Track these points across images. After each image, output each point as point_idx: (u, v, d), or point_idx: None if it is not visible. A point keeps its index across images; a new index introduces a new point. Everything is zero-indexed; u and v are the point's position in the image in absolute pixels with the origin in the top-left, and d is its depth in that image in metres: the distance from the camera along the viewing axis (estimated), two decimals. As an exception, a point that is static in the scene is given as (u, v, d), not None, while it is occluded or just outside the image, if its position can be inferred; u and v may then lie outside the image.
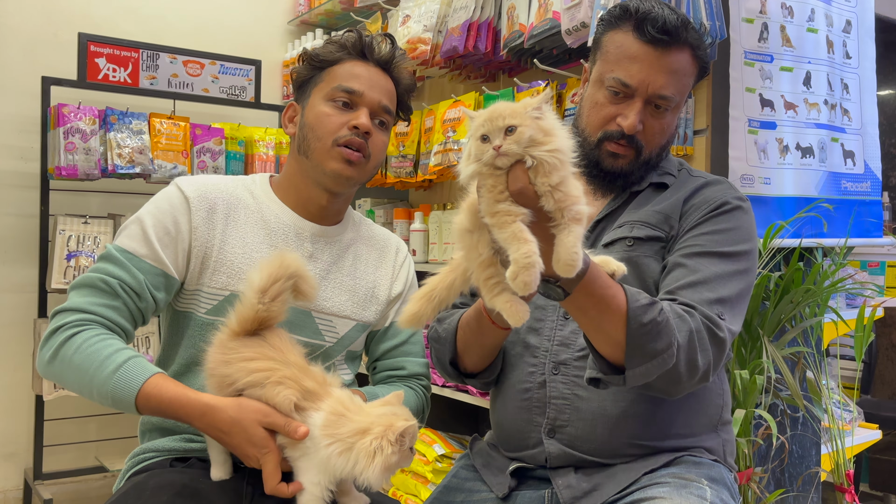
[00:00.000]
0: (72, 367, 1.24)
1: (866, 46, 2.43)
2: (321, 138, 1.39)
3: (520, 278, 0.93)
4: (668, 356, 1.14)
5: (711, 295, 1.23)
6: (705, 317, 1.20)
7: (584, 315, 1.13)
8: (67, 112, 2.88)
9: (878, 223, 2.43)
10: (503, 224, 0.96)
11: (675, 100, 1.34)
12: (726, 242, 1.29)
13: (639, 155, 1.36)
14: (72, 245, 2.93)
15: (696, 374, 1.19)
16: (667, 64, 1.31)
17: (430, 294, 1.16)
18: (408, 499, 2.57)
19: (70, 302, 1.29)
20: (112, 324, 1.29)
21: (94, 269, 1.32)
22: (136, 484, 1.27)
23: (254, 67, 3.49)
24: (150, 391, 1.21)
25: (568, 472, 1.31)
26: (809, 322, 2.06)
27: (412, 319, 1.17)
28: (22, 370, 3.12)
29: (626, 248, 1.33)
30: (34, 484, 2.96)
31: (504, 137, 0.96)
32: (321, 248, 1.46)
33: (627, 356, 1.14)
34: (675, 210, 1.35)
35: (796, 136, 2.22)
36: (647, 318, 1.12)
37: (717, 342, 1.21)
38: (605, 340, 1.16)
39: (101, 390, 1.22)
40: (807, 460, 2.26)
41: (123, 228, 1.38)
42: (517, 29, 2.33)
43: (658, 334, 1.13)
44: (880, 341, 3.72)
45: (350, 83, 1.40)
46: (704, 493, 1.19)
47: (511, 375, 1.41)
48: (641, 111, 1.33)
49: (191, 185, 1.40)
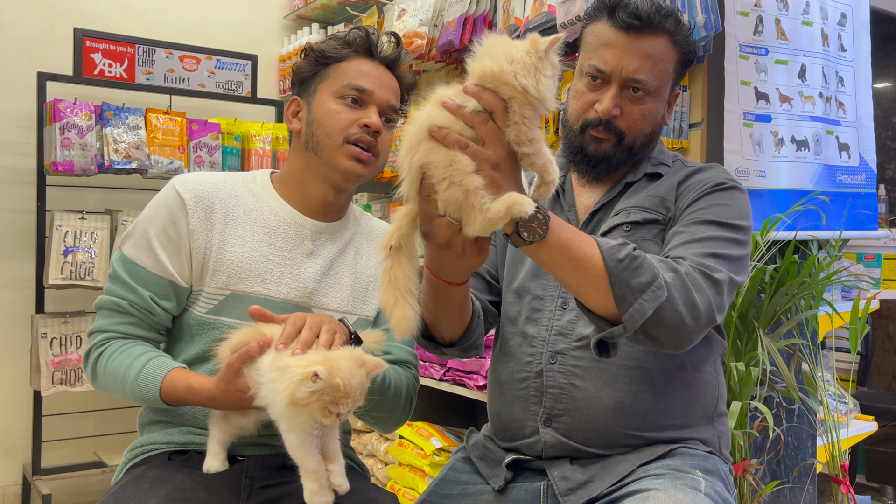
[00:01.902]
0: (108, 381, 1.35)
1: (861, 39, 2.44)
2: (331, 135, 1.38)
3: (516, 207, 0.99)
4: (657, 287, 1.11)
5: (704, 250, 1.22)
6: (696, 263, 1.19)
7: (562, 266, 1.11)
8: (63, 108, 2.87)
9: (873, 216, 2.43)
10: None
11: (652, 84, 1.34)
12: (723, 214, 1.29)
13: (621, 141, 1.37)
14: (69, 241, 2.93)
15: (698, 316, 1.16)
16: (640, 48, 1.33)
17: (396, 288, 1.08)
18: (405, 492, 2.58)
19: (95, 324, 1.39)
20: (132, 336, 1.37)
21: (107, 290, 1.39)
22: (134, 477, 1.29)
23: (250, 62, 3.48)
24: (168, 388, 1.28)
25: (563, 464, 1.32)
26: (804, 314, 2.07)
27: (405, 322, 1.09)
28: (20, 366, 3.13)
29: (623, 234, 1.33)
30: (33, 479, 2.96)
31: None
32: (322, 245, 1.46)
33: (616, 298, 1.11)
34: (670, 192, 1.36)
35: (791, 129, 2.22)
36: (623, 254, 1.11)
37: (712, 282, 1.18)
38: (591, 288, 1.12)
39: (133, 395, 1.32)
40: (802, 452, 2.27)
41: (128, 235, 1.39)
42: (513, 23, 2.33)
43: (639, 268, 1.11)
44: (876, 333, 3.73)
45: (360, 81, 1.39)
46: (699, 485, 1.19)
47: (508, 364, 1.41)
48: (617, 96, 1.34)
49: (188, 185, 1.39)
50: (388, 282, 1.08)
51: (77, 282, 2.92)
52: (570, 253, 1.09)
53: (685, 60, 1.39)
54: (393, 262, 1.08)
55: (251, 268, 1.38)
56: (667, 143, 2.04)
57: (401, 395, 1.42)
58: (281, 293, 1.40)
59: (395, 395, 1.40)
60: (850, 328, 2.22)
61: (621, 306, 1.11)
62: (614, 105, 1.34)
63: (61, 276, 2.90)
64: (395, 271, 1.08)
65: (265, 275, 1.39)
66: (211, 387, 1.24)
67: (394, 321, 1.09)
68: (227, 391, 1.21)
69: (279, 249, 1.41)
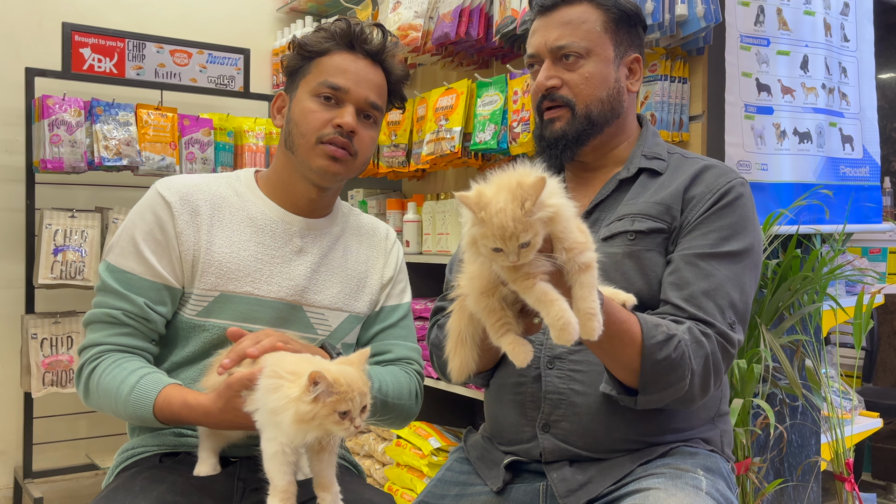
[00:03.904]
0: (101, 398, 1.31)
1: (864, 29, 2.41)
2: (304, 135, 1.36)
3: (562, 339, 0.98)
4: (681, 386, 1.19)
5: (724, 302, 1.26)
6: (720, 334, 1.23)
7: (600, 348, 1.17)
8: (52, 104, 2.83)
9: (877, 209, 2.41)
10: (527, 288, 0.99)
11: (578, 45, 1.37)
12: (734, 238, 1.30)
13: (573, 112, 1.38)
14: (58, 240, 2.88)
15: (707, 394, 1.25)
16: (556, 20, 1.39)
17: (459, 339, 1.18)
18: (403, 493, 2.55)
19: (86, 339, 1.35)
20: (128, 348, 1.33)
21: (97, 303, 1.35)
22: (125, 480, 1.28)
23: (242, 56, 3.45)
24: (162, 404, 1.25)
25: (563, 466, 1.30)
26: (807, 309, 2.04)
27: (462, 371, 1.18)
28: (10, 367, 3.09)
29: (628, 242, 1.32)
30: (24, 482, 2.93)
31: (519, 252, 0.97)
32: (310, 242, 1.44)
33: (641, 386, 1.19)
34: (676, 200, 1.33)
35: (794, 121, 2.19)
36: (662, 356, 1.16)
37: (728, 358, 1.25)
38: (620, 368, 1.20)
39: (126, 412, 1.28)
40: (806, 450, 2.24)
41: (113, 245, 1.37)
42: (509, 14, 2.29)
43: (673, 369, 1.17)
44: (882, 329, 3.70)
45: (336, 79, 1.36)
46: (700, 483, 1.18)
47: (506, 369, 1.40)
48: (550, 68, 1.39)
49: (171, 188, 1.37)
50: (452, 327, 1.18)
51: (67, 281, 2.88)
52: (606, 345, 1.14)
53: (617, 18, 1.40)
54: (458, 308, 1.17)
55: (240, 267, 1.36)
56: (666, 136, 2.00)
57: (402, 393, 1.41)
58: (272, 292, 1.38)
59: (396, 396, 1.40)
60: (854, 323, 2.19)
61: (642, 391, 1.20)
62: (548, 77, 1.38)
63: (51, 275, 2.86)
64: (459, 318, 1.16)
65: (255, 274, 1.37)
66: (208, 403, 1.21)
67: (454, 370, 1.18)
68: (225, 409, 1.18)
69: (268, 248, 1.40)
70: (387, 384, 1.38)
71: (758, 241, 1.34)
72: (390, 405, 1.38)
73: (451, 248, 2.61)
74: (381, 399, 1.35)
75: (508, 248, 0.96)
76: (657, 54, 2.04)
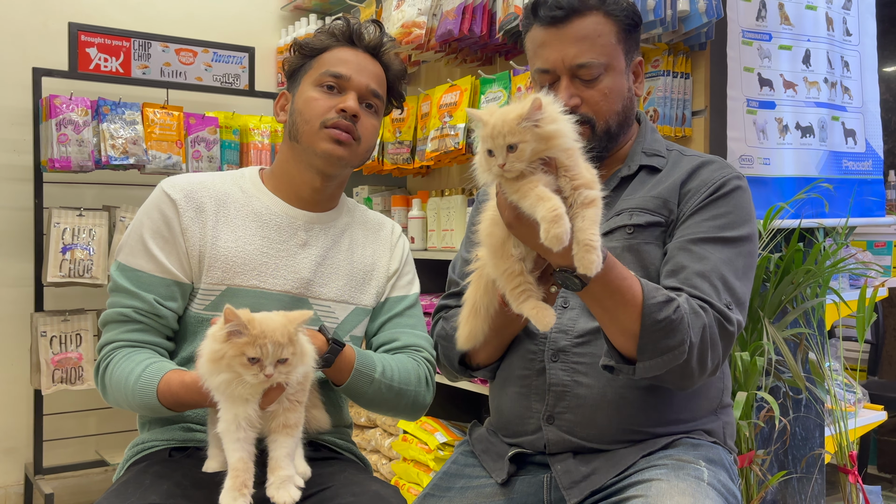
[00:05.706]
0: (115, 392, 1.33)
1: (867, 23, 2.40)
2: (309, 121, 1.39)
3: (551, 233, 0.97)
4: (680, 352, 1.17)
5: (719, 283, 1.24)
6: (718, 311, 1.22)
7: (600, 305, 1.16)
8: (59, 103, 2.85)
9: (880, 202, 2.40)
10: (527, 192, 1.01)
11: (599, 62, 1.33)
12: (729, 226, 1.29)
13: (593, 129, 1.35)
14: (67, 238, 2.91)
15: (705, 371, 1.22)
16: (572, 34, 1.33)
17: (473, 309, 1.20)
18: (410, 487, 2.57)
19: (102, 339, 1.38)
20: (140, 343, 1.35)
21: (110, 303, 1.37)
22: (135, 474, 1.30)
23: (247, 55, 3.46)
24: (164, 388, 1.25)
25: (566, 458, 1.31)
26: (810, 303, 2.05)
27: (469, 339, 1.23)
28: (20, 365, 3.11)
29: (626, 236, 1.32)
30: (35, 479, 2.95)
31: (507, 155, 1.01)
32: (315, 235, 1.46)
33: (639, 350, 1.17)
34: (673, 194, 1.34)
35: (796, 115, 2.19)
36: (662, 316, 1.14)
37: (726, 336, 1.23)
38: (618, 331, 1.18)
39: (133, 403, 1.30)
40: (810, 442, 2.25)
41: (123, 245, 1.40)
42: (513, 11, 2.30)
43: (672, 331, 1.15)
44: (887, 322, 3.68)
45: (337, 68, 1.41)
46: (702, 475, 1.19)
47: (510, 362, 1.41)
48: (569, 87, 1.34)
49: (176, 186, 1.40)
50: (468, 297, 1.21)
51: (76, 279, 2.90)
52: (606, 302, 1.15)
53: (628, 26, 1.37)
54: (476, 279, 1.20)
55: (246, 261, 1.39)
56: (669, 132, 2.01)
57: (409, 379, 1.41)
58: (277, 285, 1.40)
59: (402, 381, 1.40)
60: (857, 316, 2.19)
61: (640, 356, 1.18)
62: (570, 96, 1.33)
63: (60, 273, 2.88)
64: (476, 288, 1.21)
65: (260, 268, 1.40)
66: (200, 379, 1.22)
67: (461, 337, 1.25)
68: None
69: (273, 242, 1.42)
70: (392, 369, 1.38)
71: (754, 233, 1.33)
72: (396, 390, 1.38)
73: (456, 244, 2.62)
74: (387, 384, 1.36)
75: (496, 147, 1.01)
76: (659, 50, 2.04)
